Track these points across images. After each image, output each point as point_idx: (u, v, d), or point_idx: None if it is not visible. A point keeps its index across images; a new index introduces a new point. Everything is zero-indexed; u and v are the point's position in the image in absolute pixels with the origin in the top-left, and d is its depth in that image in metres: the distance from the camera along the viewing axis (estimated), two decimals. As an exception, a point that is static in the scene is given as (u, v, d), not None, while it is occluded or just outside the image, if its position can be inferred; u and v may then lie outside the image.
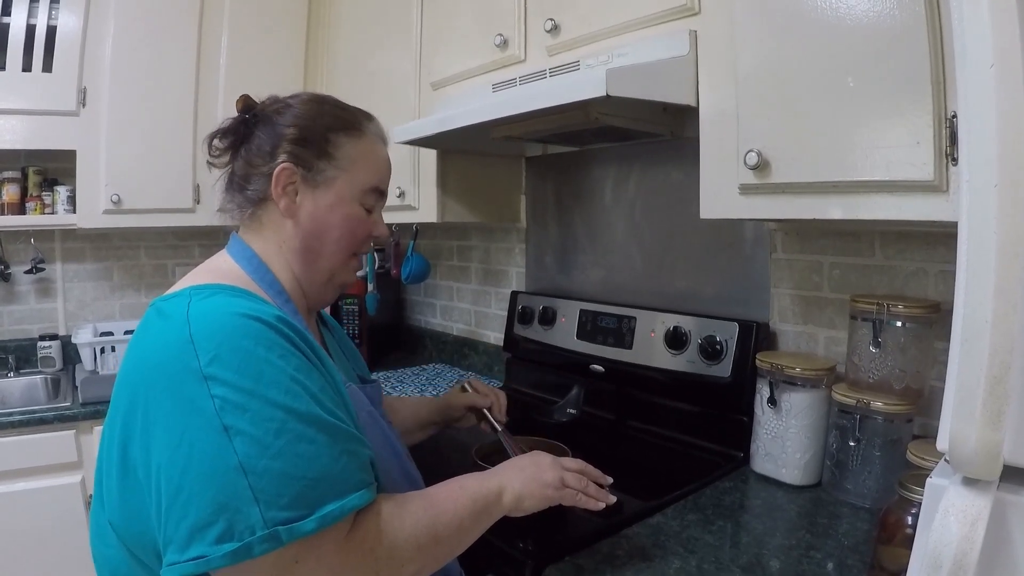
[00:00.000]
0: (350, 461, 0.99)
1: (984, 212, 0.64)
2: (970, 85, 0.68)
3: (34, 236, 3.39)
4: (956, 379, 0.67)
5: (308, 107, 1.26)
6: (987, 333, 0.63)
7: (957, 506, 0.67)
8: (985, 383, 0.64)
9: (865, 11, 1.33)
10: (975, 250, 0.65)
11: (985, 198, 0.64)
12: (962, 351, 0.66)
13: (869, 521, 1.53)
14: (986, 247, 0.64)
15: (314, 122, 1.24)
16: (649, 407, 2.24)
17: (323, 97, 1.32)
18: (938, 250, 1.70)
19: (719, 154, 1.64)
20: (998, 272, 0.63)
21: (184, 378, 0.94)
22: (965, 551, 0.64)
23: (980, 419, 0.64)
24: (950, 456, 0.68)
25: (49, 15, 2.98)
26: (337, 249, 1.27)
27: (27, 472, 2.67)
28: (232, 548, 0.86)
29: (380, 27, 2.97)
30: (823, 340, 1.95)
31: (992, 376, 0.63)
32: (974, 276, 0.65)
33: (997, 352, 0.63)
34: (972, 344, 0.65)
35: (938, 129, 1.24)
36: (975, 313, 0.64)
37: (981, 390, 0.64)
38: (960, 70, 0.70)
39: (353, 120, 1.29)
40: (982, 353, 0.64)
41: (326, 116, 1.26)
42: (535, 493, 1.23)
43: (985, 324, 0.63)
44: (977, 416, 0.64)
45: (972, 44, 0.67)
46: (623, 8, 1.86)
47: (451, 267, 3.50)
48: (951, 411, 0.67)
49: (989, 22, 0.66)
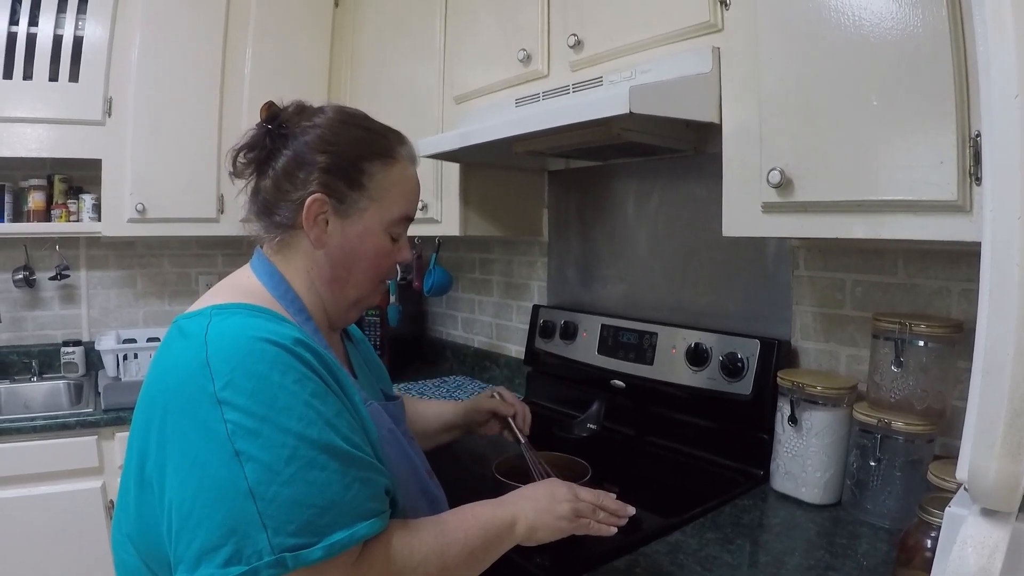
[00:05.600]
0: (362, 489, 0.99)
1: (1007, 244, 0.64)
2: (995, 114, 0.68)
3: (59, 243, 3.41)
4: (977, 411, 0.67)
5: (338, 131, 1.22)
6: (1008, 366, 0.63)
7: (975, 537, 0.66)
8: (1006, 416, 0.63)
9: (889, 29, 1.33)
10: (998, 283, 0.65)
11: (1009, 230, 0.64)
12: (983, 383, 0.66)
13: (888, 542, 1.52)
14: (1009, 279, 0.64)
15: (347, 149, 1.20)
16: (669, 423, 2.24)
17: (352, 115, 1.28)
18: (961, 269, 1.69)
19: (742, 172, 1.64)
20: (1020, 306, 0.63)
21: (199, 401, 0.94)
22: (984, 582, 0.64)
23: (1000, 452, 0.64)
24: (969, 487, 0.68)
25: (76, 25, 3.02)
26: (365, 279, 1.26)
27: (49, 476, 2.69)
28: (239, 572, 0.87)
29: (403, 39, 2.98)
30: (845, 358, 1.94)
31: (1013, 409, 0.63)
32: (996, 309, 0.65)
33: (1019, 385, 0.63)
34: (993, 376, 0.65)
35: (962, 149, 1.24)
36: (997, 346, 0.64)
37: (1002, 423, 0.64)
38: (985, 99, 0.70)
39: (386, 146, 1.25)
40: (1003, 386, 0.63)
41: (359, 143, 1.23)
42: (548, 524, 1.22)
43: (1007, 357, 0.63)
44: (997, 449, 0.64)
45: (997, 74, 0.67)
46: (646, 24, 1.86)
47: (473, 280, 3.51)
48: (971, 443, 0.67)
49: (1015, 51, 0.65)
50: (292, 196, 1.19)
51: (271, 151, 1.22)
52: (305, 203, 1.17)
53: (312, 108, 1.27)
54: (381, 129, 1.28)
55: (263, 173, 1.23)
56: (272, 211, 1.22)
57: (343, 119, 1.25)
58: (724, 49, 1.70)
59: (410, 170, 1.29)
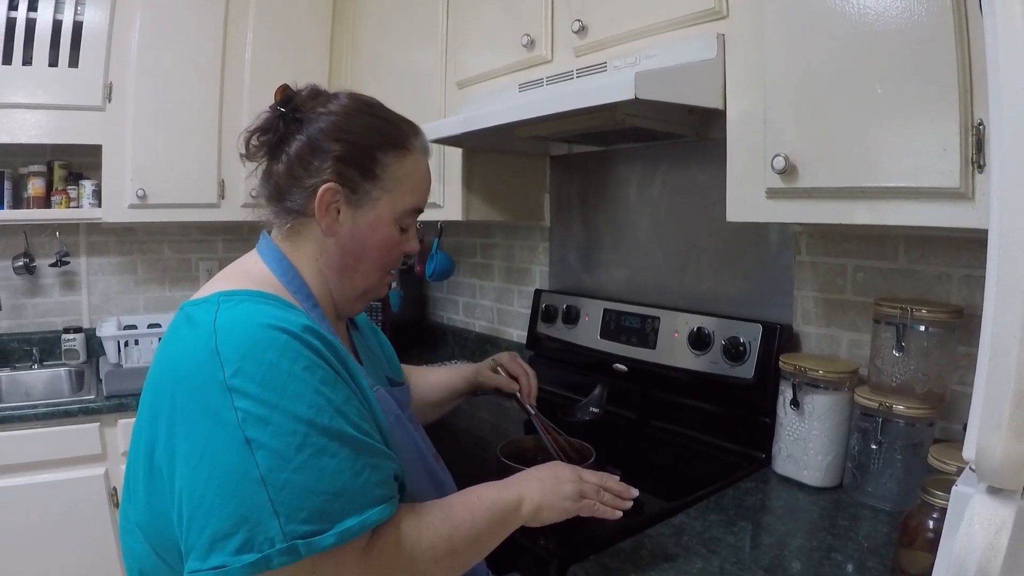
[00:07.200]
0: (371, 475, 1.00)
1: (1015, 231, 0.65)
2: (1004, 105, 0.68)
3: (59, 230, 3.41)
4: (984, 392, 0.68)
5: (353, 119, 1.22)
6: (1015, 349, 0.64)
7: (982, 514, 0.68)
8: (1013, 397, 0.65)
9: (894, 18, 1.33)
10: (1006, 269, 0.66)
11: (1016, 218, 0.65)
12: (990, 366, 0.67)
13: (890, 524, 1.54)
14: (1016, 265, 0.65)
15: (360, 139, 1.21)
16: (672, 407, 2.26)
17: (368, 103, 1.27)
18: (962, 255, 1.70)
19: (746, 158, 1.65)
20: (1027, 291, 0.64)
21: (209, 389, 0.95)
22: (989, 558, 0.65)
23: (1007, 432, 0.65)
24: (976, 466, 0.69)
25: (75, 10, 3.01)
26: (372, 269, 1.26)
27: (51, 464, 2.70)
28: (251, 559, 0.88)
29: (406, 24, 2.98)
30: (846, 343, 1.95)
31: (1019, 391, 0.64)
32: (1004, 293, 0.66)
33: (1025, 368, 0.64)
34: (1000, 359, 0.66)
35: (965, 136, 1.25)
36: (1004, 330, 0.65)
37: (1008, 404, 0.65)
38: (993, 89, 0.71)
39: (401, 137, 1.25)
40: (1010, 369, 0.65)
41: (374, 132, 1.23)
42: (554, 505, 1.23)
43: (1014, 340, 0.64)
44: (1004, 429, 0.66)
45: (1006, 64, 0.68)
46: (651, 10, 1.86)
47: (475, 264, 3.51)
48: (978, 423, 0.68)
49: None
50: (305, 183, 1.19)
51: (284, 135, 1.22)
52: (318, 191, 1.18)
53: (327, 94, 1.27)
54: (396, 119, 1.28)
55: (275, 157, 1.23)
56: (284, 197, 1.22)
57: (358, 107, 1.25)
58: (729, 36, 1.71)
59: (423, 162, 1.29)
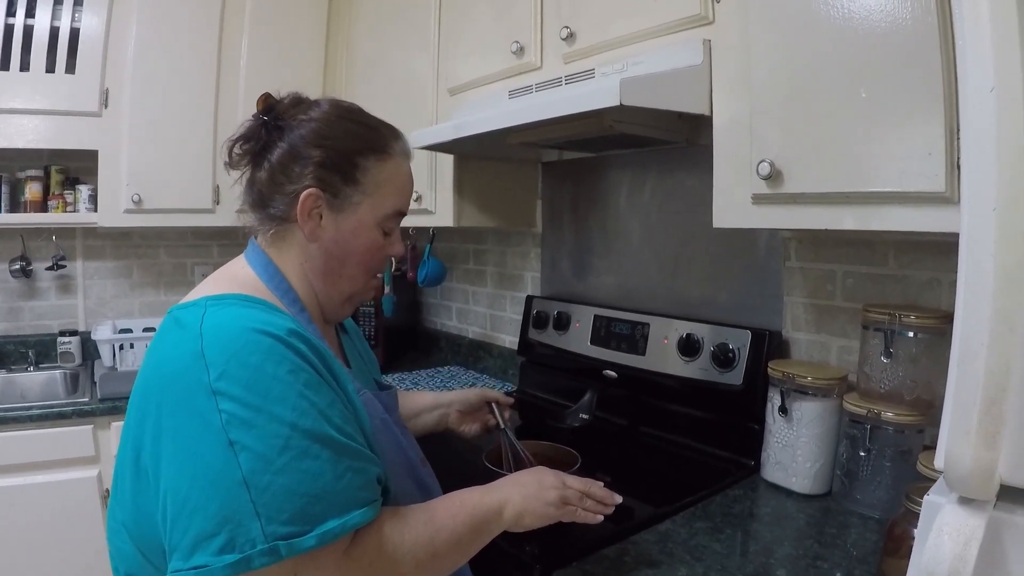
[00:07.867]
0: (354, 478, 1.00)
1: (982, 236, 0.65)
2: (971, 107, 0.68)
3: (56, 234, 3.43)
4: (952, 399, 0.67)
5: (334, 125, 1.23)
6: (983, 356, 0.64)
7: (951, 525, 0.67)
8: (980, 405, 0.64)
9: (879, 22, 1.33)
10: (973, 273, 0.66)
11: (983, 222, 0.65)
12: (958, 372, 0.66)
13: (878, 531, 1.53)
14: (984, 270, 0.64)
15: (341, 144, 1.21)
16: (661, 413, 2.25)
17: (348, 110, 1.28)
18: (951, 260, 1.68)
19: (732, 163, 1.65)
20: (995, 295, 0.63)
21: (194, 391, 0.96)
22: (958, 570, 0.65)
23: (975, 440, 0.65)
24: (945, 475, 0.69)
25: (72, 17, 3.02)
26: (357, 273, 1.27)
27: (45, 465, 2.71)
28: (232, 560, 0.89)
29: (399, 31, 2.99)
30: (835, 349, 1.94)
31: (988, 398, 0.64)
32: (971, 298, 0.65)
33: (993, 375, 0.64)
34: (968, 366, 0.65)
35: (949, 140, 1.24)
36: (971, 336, 0.65)
37: (976, 411, 0.64)
38: (962, 92, 0.71)
39: (381, 141, 1.26)
40: (978, 375, 0.64)
41: (353, 137, 1.23)
42: (536, 511, 1.23)
43: (981, 347, 0.64)
44: (972, 437, 0.65)
45: (974, 66, 0.68)
46: (638, 17, 1.87)
47: (467, 271, 3.51)
48: (947, 430, 0.68)
49: (991, 45, 0.66)
50: (287, 189, 1.20)
51: (267, 143, 1.23)
52: (300, 197, 1.18)
53: (308, 101, 1.28)
54: (375, 124, 1.29)
55: (258, 165, 1.24)
56: (267, 203, 1.23)
57: (339, 113, 1.26)
58: (715, 42, 1.70)
59: (404, 165, 1.30)
